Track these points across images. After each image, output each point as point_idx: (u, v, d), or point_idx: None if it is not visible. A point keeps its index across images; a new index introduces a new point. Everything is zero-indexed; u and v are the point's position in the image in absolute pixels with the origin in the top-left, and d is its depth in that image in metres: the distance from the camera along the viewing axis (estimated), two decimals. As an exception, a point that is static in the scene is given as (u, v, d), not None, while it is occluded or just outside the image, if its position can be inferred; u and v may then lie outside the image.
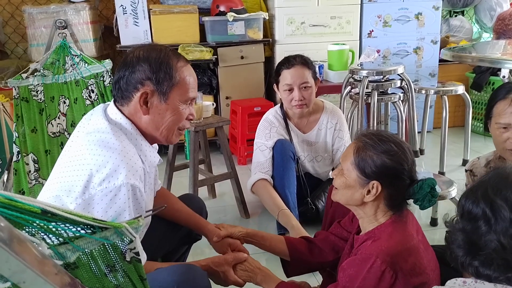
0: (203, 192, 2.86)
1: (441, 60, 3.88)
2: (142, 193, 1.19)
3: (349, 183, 1.24)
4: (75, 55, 2.35)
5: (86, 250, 0.72)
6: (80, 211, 1.09)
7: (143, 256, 1.22)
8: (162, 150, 3.53)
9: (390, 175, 1.20)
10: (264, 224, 2.54)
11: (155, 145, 1.40)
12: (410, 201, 1.28)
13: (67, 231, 0.66)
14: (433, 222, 2.45)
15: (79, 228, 0.67)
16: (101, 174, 1.13)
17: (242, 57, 3.59)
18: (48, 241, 0.66)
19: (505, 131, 1.41)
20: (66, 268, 0.74)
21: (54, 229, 0.64)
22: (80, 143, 1.21)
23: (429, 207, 1.25)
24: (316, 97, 2.44)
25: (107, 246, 0.76)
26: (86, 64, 2.33)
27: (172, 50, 1.31)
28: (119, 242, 0.76)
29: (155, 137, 1.30)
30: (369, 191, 1.21)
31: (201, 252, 2.07)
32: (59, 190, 1.15)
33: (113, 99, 1.31)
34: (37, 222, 0.61)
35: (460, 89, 3.02)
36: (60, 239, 0.67)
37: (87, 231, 0.68)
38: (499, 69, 2.44)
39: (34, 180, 2.30)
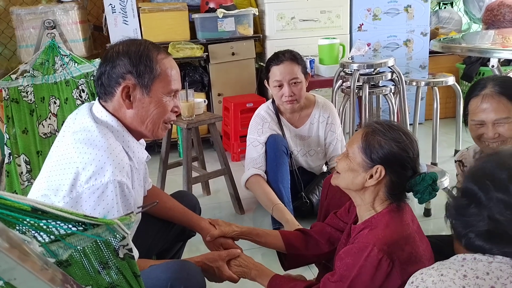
0: (197, 189, 2.86)
1: (431, 52, 3.90)
2: (130, 190, 1.19)
3: (353, 166, 1.25)
4: (65, 55, 2.33)
5: (78, 247, 0.72)
6: (70, 210, 1.10)
7: (135, 252, 1.22)
8: (155, 149, 3.53)
9: (395, 162, 1.22)
10: (259, 220, 2.55)
11: (143, 142, 1.40)
12: (409, 195, 1.29)
13: (58, 228, 0.66)
14: (427, 213, 2.47)
15: (70, 225, 0.67)
16: (87, 172, 1.13)
17: (233, 54, 3.58)
18: (40, 239, 0.66)
19: (480, 127, 1.43)
20: (59, 266, 0.74)
21: (45, 227, 0.64)
22: (67, 142, 1.21)
23: (429, 200, 1.27)
24: (307, 91, 2.45)
25: (99, 243, 0.76)
26: (76, 64, 2.32)
27: (152, 43, 1.31)
28: (112, 239, 0.76)
29: (140, 131, 1.30)
30: (371, 176, 1.22)
31: (196, 249, 2.07)
32: (47, 190, 1.16)
33: (97, 97, 1.31)
34: (28, 220, 0.61)
35: (451, 80, 3.03)
36: (52, 236, 0.67)
37: (78, 228, 0.68)
38: (489, 59, 2.45)
39: (27, 181, 2.29)
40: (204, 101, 2.68)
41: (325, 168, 2.57)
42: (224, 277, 1.39)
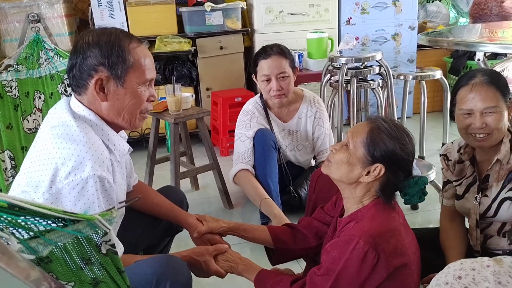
0: (186, 184, 2.85)
1: (419, 46, 3.91)
2: (111, 184, 1.17)
3: (352, 160, 1.23)
4: (49, 49, 2.30)
5: (59, 243, 0.71)
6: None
7: (120, 247, 1.21)
8: (144, 144, 3.50)
9: (396, 163, 1.21)
10: (248, 214, 2.54)
11: (124, 135, 1.39)
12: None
13: (37, 224, 0.65)
14: (414, 206, 2.48)
15: (49, 222, 0.66)
16: (66, 167, 1.11)
17: (221, 48, 3.56)
18: (18, 235, 0.65)
19: (468, 117, 1.43)
20: (40, 263, 0.73)
21: (23, 223, 0.63)
22: (45, 138, 1.19)
23: (417, 203, 1.27)
24: (296, 86, 2.44)
25: (80, 239, 0.75)
26: (61, 58, 2.29)
27: (124, 32, 1.27)
28: (93, 234, 0.75)
29: (117, 123, 1.27)
30: (368, 172, 1.22)
31: (185, 244, 2.05)
32: (27, 186, 1.14)
33: (70, 89, 1.29)
34: (5, 216, 0.60)
35: (438, 74, 3.05)
36: (31, 233, 0.66)
37: (58, 224, 0.67)
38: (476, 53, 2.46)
39: (11, 177, 2.26)
40: (192, 96, 2.66)
41: (313, 162, 2.57)
42: (211, 271, 1.39)
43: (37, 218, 0.64)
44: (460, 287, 0.77)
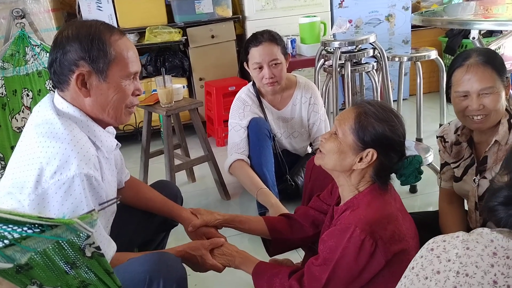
0: (182, 176, 2.82)
1: (413, 26, 3.85)
2: (100, 182, 1.14)
3: (342, 148, 1.21)
4: (36, 45, 2.26)
5: (38, 249, 0.68)
6: (35, 207, 1.04)
7: (112, 246, 1.18)
8: (138, 137, 3.46)
9: (387, 146, 1.19)
10: (245, 205, 2.52)
11: (113, 131, 1.35)
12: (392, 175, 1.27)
13: (11, 232, 0.61)
14: (413, 189, 2.46)
15: (25, 228, 0.63)
16: (51, 166, 1.07)
17: (212, 36, 3.51)
18: (-8, 244, 0.61)
19: (464, 99, 1.39)
20: (19, 270, 0.70)
21: (-5, 232, 0.60)
22: (30, 137, 1.16)
23: (414, 183, 1.25)
24: (290, 72, 2.40)
25: (62, 244, 0.71)
26: (48, 54, 2.24)
27: (104, 24, 1.23)
28: (75, 238, 0.72)
29: (103, 119, 1.24)
30: (361, 159, 1.20)
31: (182, 237, 2.03)
32: (12, 187, 1.10)
33: (53, 86, 1.25)
34: (-26, 226, 0.57)
35: (433, 54, 3.00)
36: (6, 241, 0.62)
37: (34, 230, 0.64)
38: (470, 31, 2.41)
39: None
40: (183, 87, 2.62)
41: (309, 150, 2.54)
42: (207, 265, 1.36)
43: (10, 226, 0.60)
44: (433, 257, 0.80)
